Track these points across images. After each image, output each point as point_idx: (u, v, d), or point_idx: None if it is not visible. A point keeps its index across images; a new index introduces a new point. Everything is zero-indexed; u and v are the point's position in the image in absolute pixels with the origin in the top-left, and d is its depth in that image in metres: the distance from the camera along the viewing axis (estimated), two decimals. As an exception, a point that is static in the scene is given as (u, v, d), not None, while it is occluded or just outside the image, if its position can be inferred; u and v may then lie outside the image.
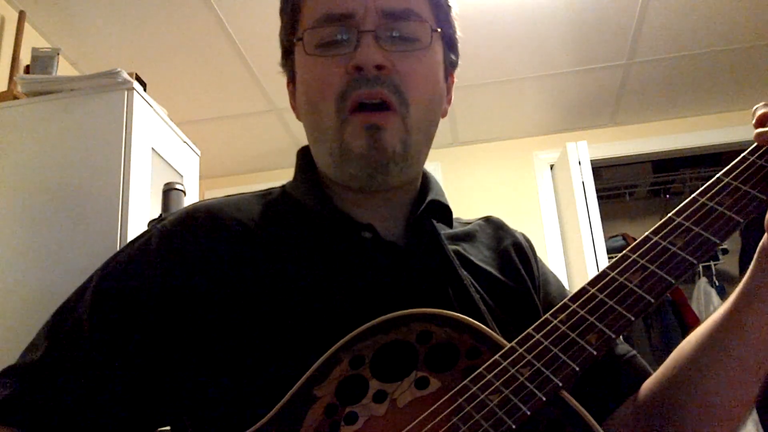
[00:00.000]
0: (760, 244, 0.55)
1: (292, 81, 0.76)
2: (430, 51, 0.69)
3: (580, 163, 2.93)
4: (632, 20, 2.45)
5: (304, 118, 0.72)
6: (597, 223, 2.82)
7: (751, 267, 0.56)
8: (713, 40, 2.61)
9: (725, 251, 3.40)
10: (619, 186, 3.70)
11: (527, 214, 3.21)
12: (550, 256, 3.09)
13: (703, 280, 3.36)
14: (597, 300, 0.52)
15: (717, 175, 0.56)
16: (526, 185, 3.29)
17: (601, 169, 3.41)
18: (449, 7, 0.74)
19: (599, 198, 2.96)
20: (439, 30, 0.71)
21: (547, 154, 3.30)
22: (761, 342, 0.55)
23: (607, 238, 3.25)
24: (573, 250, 2.98)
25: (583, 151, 2.94)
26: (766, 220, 0.52)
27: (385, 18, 0.67)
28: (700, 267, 3.39)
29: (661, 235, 0.54)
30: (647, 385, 0.66)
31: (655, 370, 0.69)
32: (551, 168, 3.30)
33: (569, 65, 2.75)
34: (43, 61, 1.84)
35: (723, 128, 3.12)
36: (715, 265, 3.39)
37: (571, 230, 2.97)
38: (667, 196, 3.78)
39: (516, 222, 0.87)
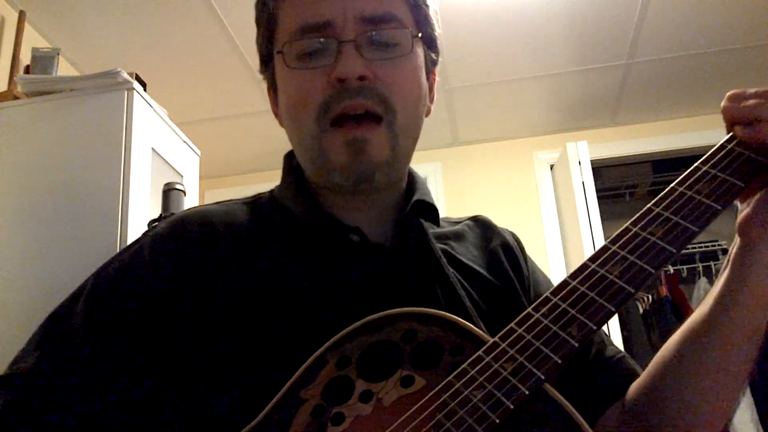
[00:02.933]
0: (733, 251, 0.55)
1: (273, 88, 0.75)
2: (411, 55, 0.69)
3: (580, 163, 2.93)
4: (632, 20, 2.45)
5: (287, 127, 0.72)
6: (597, 223, 2.82)
7: (725, 274, 0.56)
8: (713, 40, 2.61)
9: (725, 251, 3.40)
10: (619, 186, 3.70)
11: (527, 214, 3.21)
12: (550, 256, 3.09)
13: (703, 280, 3.35)
14: (578, 292, 0.53)
15: (695, 164, 0.57)
16: (526, 185, 3.29)
17: (601, 169, 3.40)
18: (427, 6, 0.73)
19: (599, 198, 2.96)
20: (419, 35, 0.70)
21: (547, 154, 3.30)
22: (740, 346, 0.55)
23: (607, 238, 3.24)
24: (573, 250, 2.97)
25: (583, 151, 2.94)
26: (738, 221, 0.52)
27: (365, 24, 0.66)
28: (700, 267, 3.39)
29: (640, 225, 0.55)
30: (632, 388, 0.66)
31: None
32: (551, 168, 3.30)
33: (569, 65, 2.75)
34: (43, 61, 1.84)
35: (723, 128, 3.10)
36: (715, 265, 3.39)
37: (571, 230, 2.96)
38: (668, 195, 3.77)
39: (516, 222, 0.87)
